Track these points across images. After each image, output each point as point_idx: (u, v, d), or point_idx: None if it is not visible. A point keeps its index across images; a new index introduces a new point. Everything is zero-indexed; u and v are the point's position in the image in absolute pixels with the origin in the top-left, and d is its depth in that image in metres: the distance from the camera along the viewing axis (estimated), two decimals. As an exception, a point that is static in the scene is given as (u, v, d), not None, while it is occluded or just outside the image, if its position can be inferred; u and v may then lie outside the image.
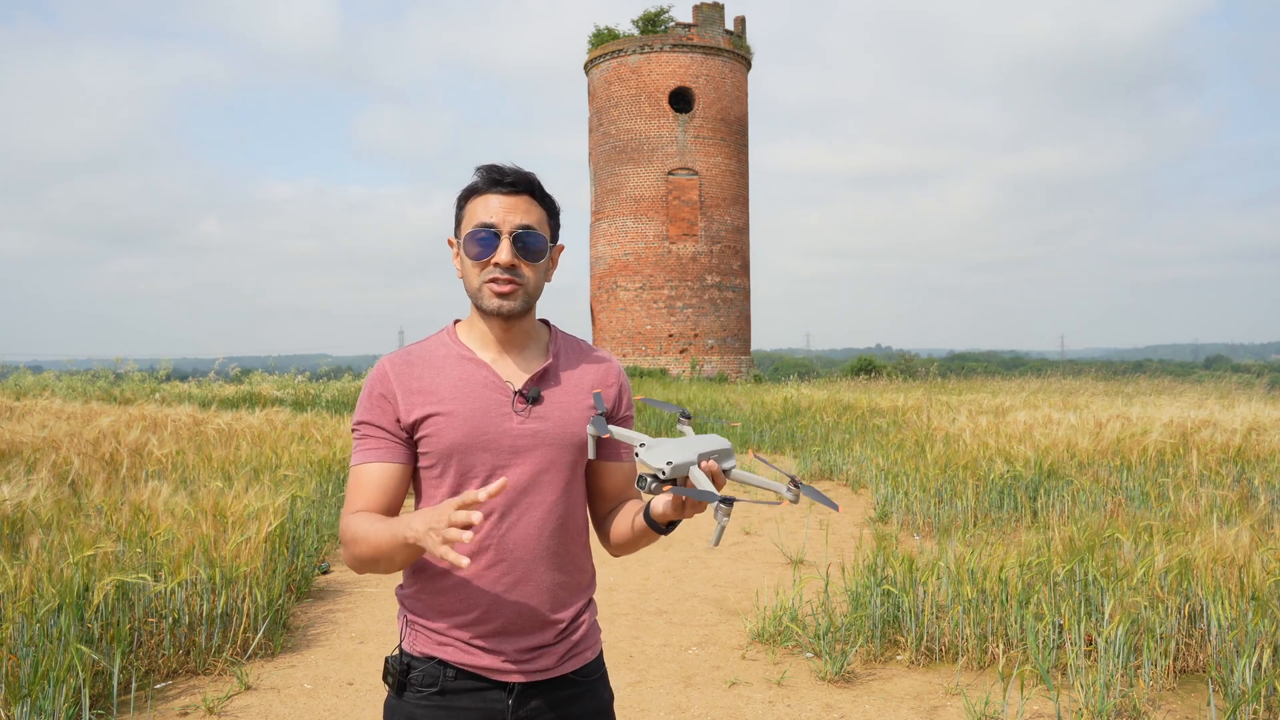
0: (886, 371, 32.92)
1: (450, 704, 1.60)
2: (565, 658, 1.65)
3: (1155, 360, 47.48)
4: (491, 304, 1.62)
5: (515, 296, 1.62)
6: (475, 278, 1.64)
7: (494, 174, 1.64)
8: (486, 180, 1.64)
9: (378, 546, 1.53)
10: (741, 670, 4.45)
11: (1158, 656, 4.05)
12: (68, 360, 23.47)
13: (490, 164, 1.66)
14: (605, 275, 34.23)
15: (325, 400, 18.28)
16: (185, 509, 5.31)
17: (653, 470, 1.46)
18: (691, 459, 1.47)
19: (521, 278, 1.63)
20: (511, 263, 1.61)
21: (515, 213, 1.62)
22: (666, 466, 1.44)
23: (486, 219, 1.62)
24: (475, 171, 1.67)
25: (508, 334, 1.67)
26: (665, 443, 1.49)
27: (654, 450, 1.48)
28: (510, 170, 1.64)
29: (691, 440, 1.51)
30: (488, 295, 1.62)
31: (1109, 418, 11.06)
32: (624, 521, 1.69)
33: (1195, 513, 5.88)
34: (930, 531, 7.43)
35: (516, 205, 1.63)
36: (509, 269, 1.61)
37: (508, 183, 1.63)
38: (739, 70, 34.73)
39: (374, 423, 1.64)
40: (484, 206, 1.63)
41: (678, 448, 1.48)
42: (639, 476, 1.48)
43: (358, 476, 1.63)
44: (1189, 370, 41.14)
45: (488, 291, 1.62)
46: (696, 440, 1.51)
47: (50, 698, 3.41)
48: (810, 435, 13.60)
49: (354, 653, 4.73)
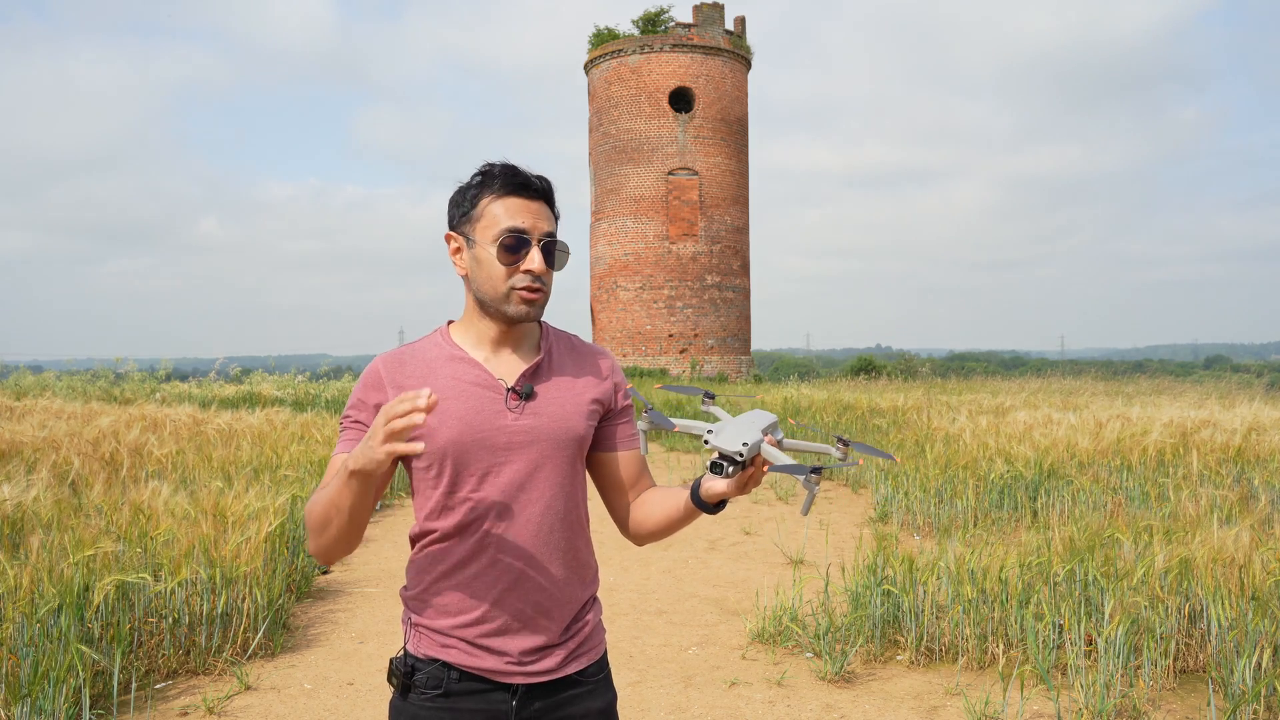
0: (886, 371, 32.93)
1: (454, 706, 1.60)
2: (569, 658, 1.65)
3: (1155, 360, 47.53)
4: (519, 310, 1.61)
5: (539, 304, 1.63)
6: (502, 282, 1.60)
7: (519, 177, 1.61)
8: (512, 183, 1.61)
9: (329, 501, 1.49)
10: (741, 670, 4.45)
11: (1158, 656, 4.05)
12: (68, 360, 23.48)
13: (507, 164, 1.63)
14: (605, 275, 34.24)
15: (325, 400, 18.29)
16: (185, 509, 5.32)
17: (730, 453, 1.45)
18: (760, 437, 1.46)
19: (546, 286, 1.63)
20: (543, 269, 1.61)
21: (541, 219, 1.61)
22: (744, 448, 1.44)
23: (517, 224, 1.59)
24: (490, 169, 1.63)
25: (507, 334, 1.67)
26: (729, 424, 1.49)
27: (723, 434, 1.47)
28: (532, 174, 1.63)
29: (749, 419, 1.50)
30: (516, 301, 1.61)
31: (1109, 418, 11.07)
32: (659, 507, 1.68)
33: (1195, 513, 5.88)
34: (930, 531, 7.43)
35: (541, 212, 1.62)
36: (538, 276, 1.61)
37: (534, 189, 1.62)
38: (739, 70, 34.74)
39: (361, 420, 1.64)
40: (508, 210, 1.60)
41: (743, 428, 1.47)
42: (712, 463, 1.48)
43: (333, 466, 1.61)
44: (1189, 370, 41.15)
45: (517, 298, 1.60)
46: (753, 418, 1.50)
47: (50, 698, 3.41)
48: (810, 435, 13.60)
49: (354, 653, 4.73)
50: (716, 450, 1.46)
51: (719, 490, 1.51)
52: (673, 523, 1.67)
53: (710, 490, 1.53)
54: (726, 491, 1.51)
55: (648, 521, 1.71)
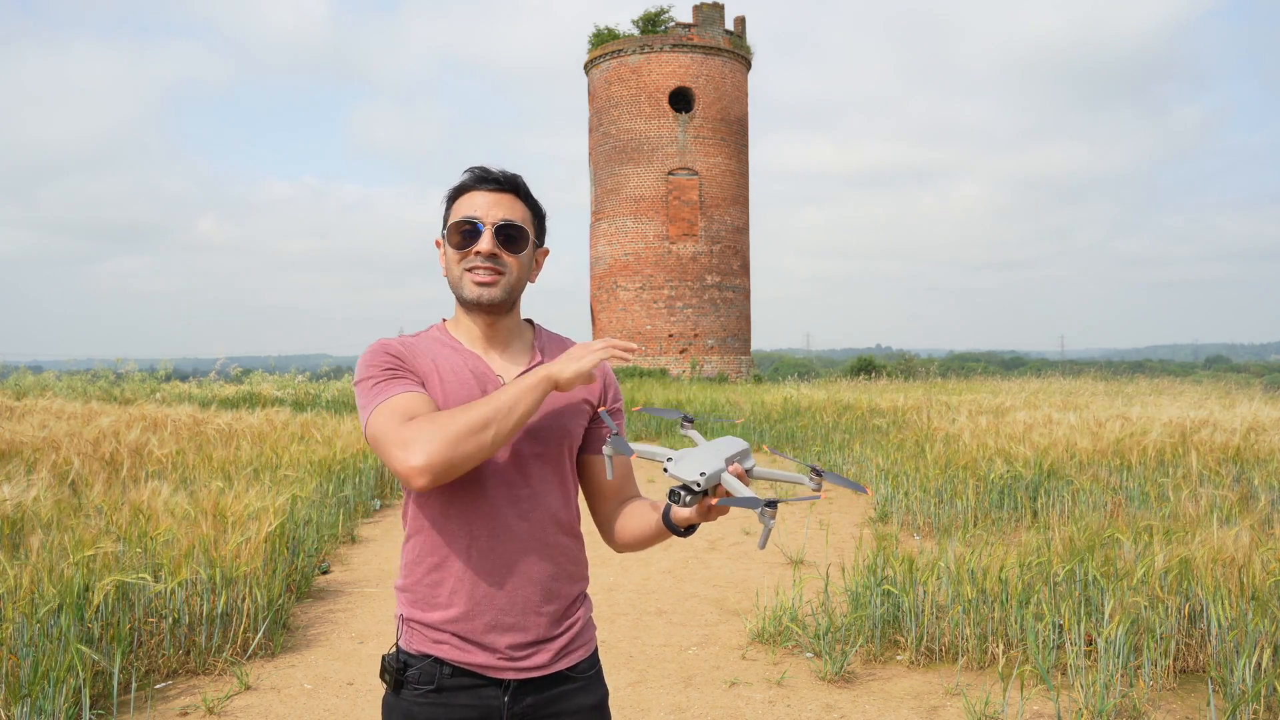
0: (886, 371, 32.93)
1: (447, 701, 1.61)
2: (560, 655, 1.67)
3: (1155, 360, 47.52)
4: (472, 293, 1.65)
5: (496, 285, 1.65)
6: (457, 267, 1.67)
7: (480, 172, 1.70)
8: (472, 179, 1.69)
9: (502, 405, 1.46)
10: (741, 670, 4.45)
11: (1158, 656, 4.05)
12: (68, 360, 23.48)
13: (476, 165, 1.71)
14: (605, 275, 34.23)
15: (325, 400, 18.29)
16: (185, 509, 5.32)
17: (686, 483, 1.43)
18: (721, 466, 1.45)
19: (503, 266, 1.66)
20: (493, 251, 1.64)
21: (499, 208, 1.67)
22: (700, 478, 1.42)
23: (470, 213, 1.66)
24: (463, 173, 1.72)
25: (493, 330, 1.70)
26: (690, 453, 1.47)
27: (682, 463, 1.45)
28: (497, 170, 1.70)
29: (714, 446, 1.49)
30: (468, 285, 1.65)
31: (1109, 418, 11.07)
32: (636, 522, 1.70)
33: (1195, 513, 5.88)
34: (930, 532, 7.43)
35: (501, 201, 1.67)
36: (490, 257, 1.64)
37: (493, 180, 1.68)
38: (739, 70, 34.73)
39: (401, 369, 1.60)
40: (469, 202, 1.68)
41: (705, 456, 1.45)
42: (671, 490, 1.46)
43: (407, 403, 1.52)
44: (1189, 370, 41.14)
45: (468, 281, 1.65)
46: (719, 445, 1.49)
47: (50, 698, 3.41)
48: (810, 435, 13.60)
49: (354, 653, 4.73)
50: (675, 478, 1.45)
51: (684, 516, 1.52)
52: (647, 539, 1.69)
53: (678, 515, 1.54)
54: (691, 518, 1.51)
55: (624, 533, 1.74)
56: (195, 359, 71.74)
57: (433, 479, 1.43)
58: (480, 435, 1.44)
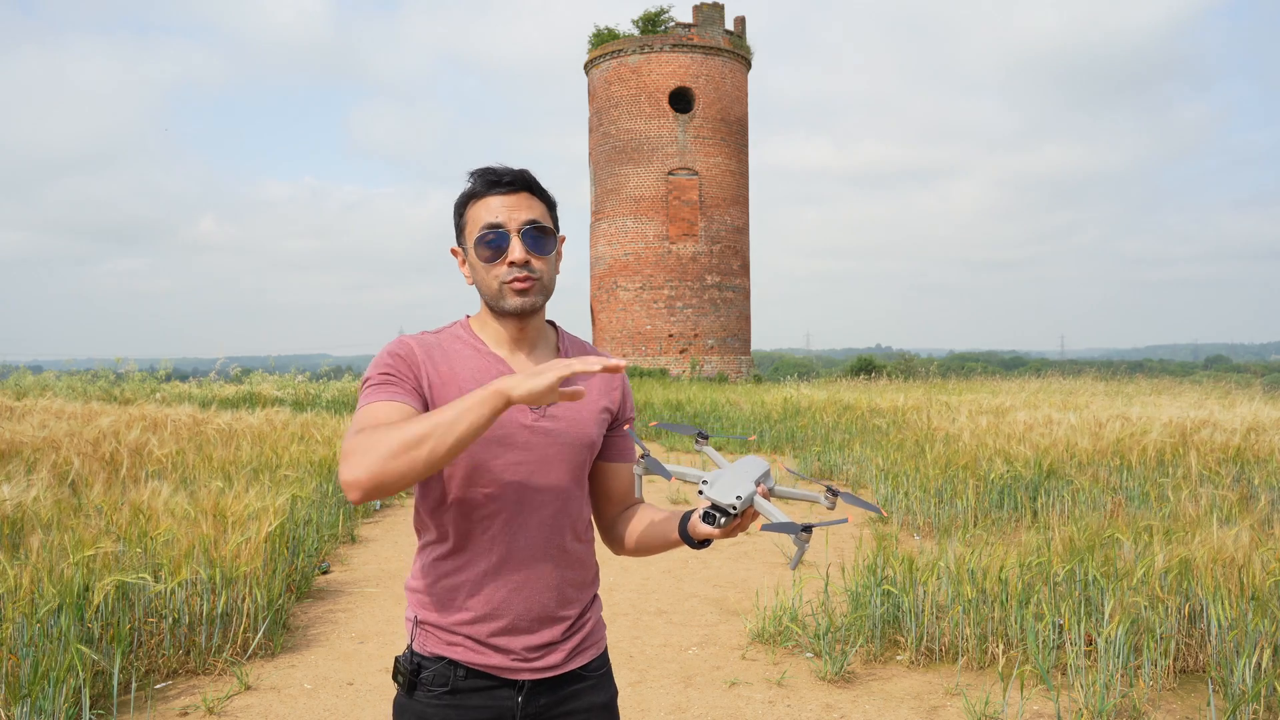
0: (886, 371, 32.94)
1: (461, 703, 1.61)
2: (572, 654, 1.67)
3: (1155, 360, 47.53)
4: (514, 303, 1.62)
5: (534, 292, 1.63)
6: (492, 280, 1.63)
7: (490, 175, 1.65)
8: (484, 183, 1.65)
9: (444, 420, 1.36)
10: (741, 670, 4.45)
11: (1158, 656, 4.06)
12: (68, 360, 23.49)
13: (483, 167, 1.67)
14: (605, 275, 34.23)
15: (325, 400, 18.29)
16: (185, 509, 5.31)
17: (722, 506, 1.47)
18: (753, 490, 1.49)
19: (536, 272, 1.63)
20: (525, 259, 1.61)
21: (519, 209, 1.63)
22: (737, 501, 1.46)
23: (492, 220, 1.61)
24: (469, 176, 1.67)
25: (521, 333, 1.68)
26: (722, 475, 1.51)
27: (717, 485, 1.49)
28: (504, 170, 1.66)
29: (742, 468, 1.53)
30: (509, 295, 1.62)
31: (1109, 418, 11.07)
32: (649, 531, 1.70)
33: (1195, 513, 5.88)
34: (930, 531, 7.43)
35: (518, 202, 1.63)
36: (523, 265, 1.61)
37: (505, 182, 1.64)
38: (739, 70, 34.73)
39: (398, 374, 1.58)
40: (486, 209, 1.63)
41: (736, 479, 1.50)
42: (704, 512, 1.49)
43: (376, 412, 1.50)
44: (1189, 370, 41.16)
45: (508, 292, 1.62)
46: (747, 467, 1.53)
47: (50, 698, 3.41)
48: (810, 435, 13.60)
49: (354, 653, 4.73)
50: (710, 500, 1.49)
51: (705, 532, 1.53)
52: (657, 547, 1.70)
53: (697, 531, 1.54)
54: (713, 534, 1.52)
55: (632, 538, 1.74)
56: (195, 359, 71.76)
57: (363, 494, 1.37)
58: (413, 452, 1.35)
